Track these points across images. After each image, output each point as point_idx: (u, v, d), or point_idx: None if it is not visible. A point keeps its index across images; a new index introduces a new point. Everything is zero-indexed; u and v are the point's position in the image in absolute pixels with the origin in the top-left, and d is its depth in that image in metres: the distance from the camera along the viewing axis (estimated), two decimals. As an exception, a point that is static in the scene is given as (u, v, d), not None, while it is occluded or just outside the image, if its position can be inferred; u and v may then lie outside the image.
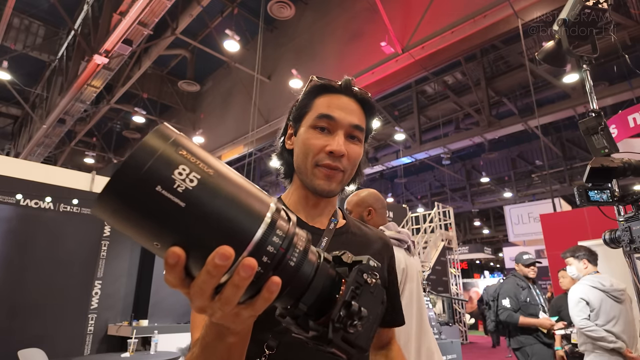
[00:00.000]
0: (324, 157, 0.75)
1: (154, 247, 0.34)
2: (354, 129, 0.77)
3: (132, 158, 0.31)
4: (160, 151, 0.32)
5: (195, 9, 7.53)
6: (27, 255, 4.48)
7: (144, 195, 0.31)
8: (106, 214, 0.32)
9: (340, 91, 0.80)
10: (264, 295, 0.36)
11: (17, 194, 4.47)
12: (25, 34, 9.73)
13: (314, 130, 0.77)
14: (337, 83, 0.81)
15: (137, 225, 0.32)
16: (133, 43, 6.99)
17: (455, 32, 6.11)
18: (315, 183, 0.77)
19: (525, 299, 3.51)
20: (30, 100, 11.57)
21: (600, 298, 2.80)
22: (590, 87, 1.72)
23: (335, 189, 0.77)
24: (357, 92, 0.80)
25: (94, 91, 8.21)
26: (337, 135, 0.76)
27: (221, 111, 11.40)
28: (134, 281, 5.27)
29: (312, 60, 8.58)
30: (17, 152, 12.56)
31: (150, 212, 0.31)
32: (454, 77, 10.76)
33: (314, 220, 0.82)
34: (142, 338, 4.62)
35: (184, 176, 0.32)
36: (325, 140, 0.76)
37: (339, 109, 0.77)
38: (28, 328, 4.32)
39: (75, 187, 5.10)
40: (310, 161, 0.76)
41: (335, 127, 0.77)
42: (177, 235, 0.32)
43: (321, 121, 0.77)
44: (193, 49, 10.15)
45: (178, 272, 0.34)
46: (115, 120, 13.60)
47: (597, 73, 8.75)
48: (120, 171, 0.30)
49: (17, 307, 4.30)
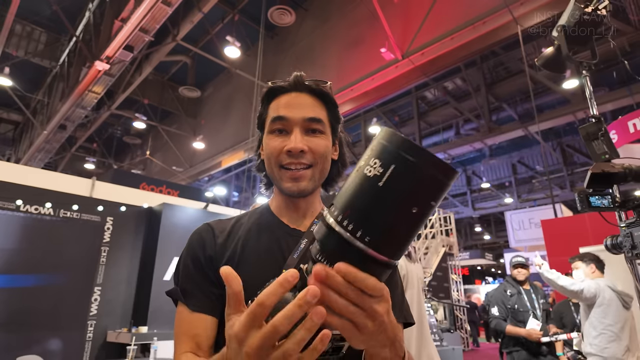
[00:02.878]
0: (285, 157, 0.75)
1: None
2: (310, 123, 0.76)
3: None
4: None
5: (196, 15, 7.58)
6: (26, 261, 4.47)
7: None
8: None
9: (291, 89, 0.79)
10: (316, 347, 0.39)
11: (17, 200, 4.46)
12: (27, 41, 9.79)
13: (271, 134, 0.77)
14: (288, 82, 0.80)
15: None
16: (134, 49, 7.03)
17: (455, 39, 6.14)
18: (283, 186, 0.76)
19: (513, 306, 3.48)
20: (31, 106, 11.62)
21: (612, 298, 2.79)
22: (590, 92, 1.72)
23: (306, 188, 0.76)
24: (308, 85, 0.79)
25: (95, 97, 8.24)
26: (293, 133, 0.75)
27: (222, 117, 11.43)
28: (133, 288, 5.25)
29: (312, 67, 8.62)
30: (17, 157, 12.59)
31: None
32: (454, 82, 10.79)
33: (297, 223, 0.81)
34: (142, 345, 4.59)
35: None
36: (282, 141, 0.75)
37: (289, 107, 0.77)
38: (27, 334, 4.30)
39: (75, 192, 5.09)
40: (275, 165, 0.76)
41: (289, 125, 0.76)
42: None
43: (275, 124, 0.76)
44: (194, 55, 10.21)
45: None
46: (115, 126, 13.64)
47: (596, 79, 8.78)
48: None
49: (16, 313, 4.28)
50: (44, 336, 4.42)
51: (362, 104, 7.94)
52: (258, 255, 0.76)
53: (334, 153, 0.84)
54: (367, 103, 8.10)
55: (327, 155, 0.78)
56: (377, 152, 0.38)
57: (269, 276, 0.70)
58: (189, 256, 0.77)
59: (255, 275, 0.72)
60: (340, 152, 0.86)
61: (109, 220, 5.13)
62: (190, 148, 12.26)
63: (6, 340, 4.16)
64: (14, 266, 4.36)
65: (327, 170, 0.80)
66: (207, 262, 0.76)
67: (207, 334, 0.72)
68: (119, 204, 5.29)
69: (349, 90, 7.63)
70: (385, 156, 0.37)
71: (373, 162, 0.38)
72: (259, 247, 0.77)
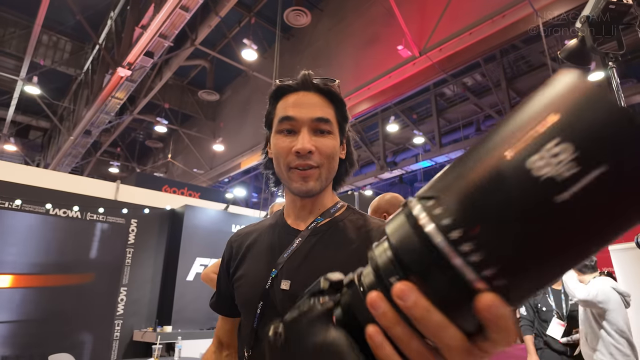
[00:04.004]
0: (293, 158, 0.74)
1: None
2: (318, 123, 0.75)
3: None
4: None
5: (213, 19, 7.69)
6: (56, 262, 4.63)
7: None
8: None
9: (298, 88, 0.79)
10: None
11: (46, 204, 4.63)
12: (53, 50, 10.14)
13: (279, 134, 0.77)
14: (288, 81, 0.80)
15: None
16: (154, 55, 7.19)
17: (474, 34, 6.02)
18: (292, 186, 0.76)
19: (537, 305, 3.41)
20: (58, 113, 12.03)
21: (619, 301, 2.70)
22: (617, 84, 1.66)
23: (314, 188, 0.75)
24: (316, 85, 0.79)
25: (118, 103, 8.47)
26: (301, 133, 0.74)
27: (240, 119, 11.56)
28: (157, 288, 5.37)
29: (329, 67, 8.61)
30: (46, 163, 13.05)
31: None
32: (473, 78, 10.59)
33: (301, 222, 0.81)
34: (166, 344, 4.69)
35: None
36: (290, 141, 0.75)
37: (297, 107, 0.76)
38: (58, 334, 4.45)
39: (101, 196, 5.25)
40: (283, 166, 0.76)
41: (297, 126, 0.75)
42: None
43: (283, 124, 0.76)
44: (212, 59, 10.36)
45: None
46: (138, 131, 13.98)
47: (623, 70, 8.46)
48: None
49: (47, 313, 4.44)
50: (74, 335, 4.57)
51: (380, 102, 7.88)
52: (258, 255, 0.79)
53: (342, 152, 0.83)
54: (385, 101, 8.03)
55: (334, 155, 0.78)
56: (568, 130, 0.20)
57: (263, 274, 0.74)
58: (221, 263, 0.86)
59: (250, 272, 0.77)
60: (348, 151, 0.86)
61: (133, 222, 5.26)
62: (210, 150, 12.45)
63: (38, 338, 4.32)
64: (44, 267, 4.53)
65: (335, 170, 0.80)
66: (228, 267, 0.83)
67: (227, 336, 0.83)
68: (143, 207, 5.42)
69: (366, 89, 7.59)
70: (588, 144, 0.19)
71: (554, 147, 0.20)
72: (260, 247, 0.80)
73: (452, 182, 0.23)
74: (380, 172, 12.06)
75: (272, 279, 0.72)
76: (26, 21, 8.97)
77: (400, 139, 12.78)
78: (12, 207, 4.38)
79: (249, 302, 0.74)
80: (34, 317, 4.35)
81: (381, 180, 13.79)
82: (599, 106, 0.20)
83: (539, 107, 0.22)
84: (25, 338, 4.23)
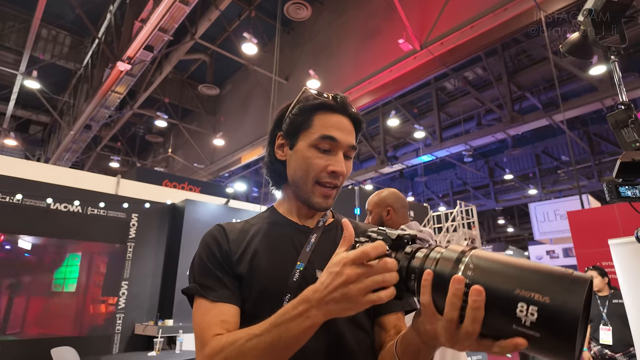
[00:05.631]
0: (326, 175, 0.80)
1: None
2: (350, 149, 0.82)
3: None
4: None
5: (213, 13, 7.65)
6: (57, 256, 4.65)
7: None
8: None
9: (338, 110, 0.82)
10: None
11: (47, 198, 4.64)
12: (53, 44, 10.10)
13: (315, 149, 0.80)
14: (332, 100, 0.82)
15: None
16: (154, 49, 7.15)
17: (475, 27, 5.99)
18: (314, 201, 0.81)
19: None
20: (58, 108, 12.01)
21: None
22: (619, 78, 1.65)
23: (330, 205, 0.83)
24: (351, 112, 0.84)
25: (118, 97, 8.45)
26: (338, 155, 0.80)
27: (240, 113, 11.54)
28: (158, 282, 5.39)
29: (330, 60, 8.58)
30: (47, 157, 13.06)
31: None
32: (474, 72, 10.54)
33: (304, 221, 0.87)
34: (168, 337, 4.72)
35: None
36: (327, 159, 0.80)
37: (340, 130, 0.81)
38: (60, 327, 4.49)
39: (101, 190, 5.25)
40: (311, 179, 0.80)
41: (336, 147, 0.80)
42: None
43: (324, 142, 0.80)
44: (212, 53, 10.32)
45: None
46: (138, 125, 13.96)
47: (625, 64, 8.41)
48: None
49: (49, 307, 4.47)
50: (76, 329, 4.60)
51: (380, 96, 7.85)
52: (272, 249, 0.81)
53: None
54: (385, 95, 8.00)
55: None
56: (546, 310, 0.43)
57: (284, 268, 0.77)
58: (205, 254, 0.80)
59: (270, 267, 0.77)
60: None
61: (134, 216, 5.27)
62: (211, 145, 12.44)
63: (41, 333, 4.35)
64: (46, 262, 4.55)
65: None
66: (224, 257, 0.79)
67: (234, 320, 0.74)
68: (144, 201, 5.43)
69: (367, 83, 7.56)
70: (544, 321, 0.43)
71: (532, 307, 0.43)
72: (272, 242, 0.82)
73: (488, 266, 0.48)
74: (381, 166, 12.05)
75: (301, 271, 0.76)
76: (25, 15, 8.92)
77: (400, 134, 12.76)
78: (12, 201, 4.39)
79: (271, 295, 0.74)
80: (36, 311, 4.38)
81: (382, 175, 13.79)
82: (568, 318, 0.41)
83: (547, 287, 0.43)
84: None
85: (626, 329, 3.32)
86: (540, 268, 0.45)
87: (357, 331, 0.78)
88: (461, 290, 0.47)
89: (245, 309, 0.76)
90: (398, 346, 0.68)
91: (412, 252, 0.56)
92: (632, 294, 3.18)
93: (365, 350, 0.78)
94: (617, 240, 3.37)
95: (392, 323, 0.82)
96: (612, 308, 3.63)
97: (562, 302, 0.41)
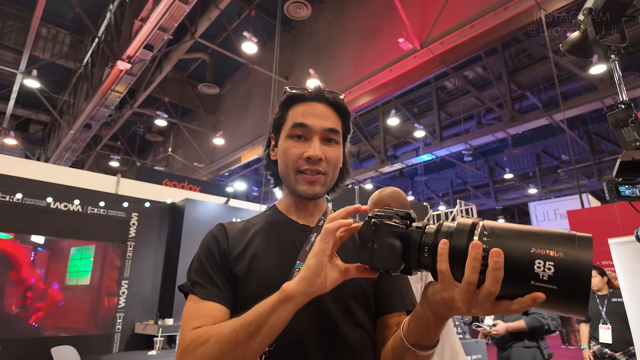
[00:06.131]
0: (303, 163, 0.80)
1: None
2: (328, 133, 0.82)
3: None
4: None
5: (213, 12, 7.64)
6: (57, 256, 4.65)
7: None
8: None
9: (312, 98, 0.83)
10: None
11: (47, 197, 4.64)
12: (53, 43, 10.09)
13: (290, 139, 0.82)
14: (308, 91, 0.84)
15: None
16: (154, 48, 7.15)
17: (475, 26, 5.98)
18: (299, 189, 0.81)
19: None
20: (58, 107, 12.00)
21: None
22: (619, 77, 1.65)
23: (319, 192, 0.82)
24: (329, 97, 0.84)
25: (118, 96, 8.44)
26: (313, 141, 0.80)
27: (240, 113, 11.53)
28: (159, 281, 5.39)
29: (329, 59, 8.57)
30: (47, 157, 13.06)
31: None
32: (474, 71, 10.53)
33: (304, 220, 0.87)
34: (168, 336, 4.72)
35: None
36: (302, 147, 0.80)
37: (312, 116, 0.81)
38: (61, 326, 4.49)
39: (101, 189, 5.25)
40: (292, 169, 0.81)
41: (310, 133, 0.81)
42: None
43: (296, 130, 0.81)
44: (212, 52, 10.31)
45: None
46: (138, 124, 13.95)
47: (625, 63, 8.40)
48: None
49: (49, 307, 4.47)
50: (76, 328, 4.61)
51: (380, 95, 7.85)
52: (272, 248, 0.81)
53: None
54: (386, 95, 8.00)
55: (338, 163, 0.85)
56: (561, 264, 0.47)
57: (284, 267, 0.77)
58: (203, 253, 0.81)
59: (270, 266, 0.78)
60: (344, 160, 0.91)
61: (134, 216, 5.27)
62: (211, 144, 12.43)
63: (41, 332, 4.35)
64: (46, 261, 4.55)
65: (336, 177, 0.86)
66: (222, 257, 0.80)
67: (220, 318, 0.73)
68: (144, 200, 5.42)
69: (367, 82, 7.56)
70: (561, 274, 0.47)
71: (548, 263, 0.47)
72: (272, 241, 0.83)
73: (501, 233, 0.52)
74: (381, 165, 12.05)
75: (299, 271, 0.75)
76: (25, 14, 8.91)
77: (400, 133, 12.75)
78: (12, 200, 4.39)
79: (269, 294, 0.72)
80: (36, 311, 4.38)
81: (382, 174, 13.78)
82: (582, 270, 0.46)
83: (559, 244, 0.48)
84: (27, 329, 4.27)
85: (626, 327, 3.32)
86: (547, 230, 0.50)
87: (358, 331, 0.78)
88: (480, 254, 0.50)
89: (243, 308, 0.75)
90: (405, 327, 0.68)
91: (423, 227, 0.59)
92: (632, 293, 3.18)
93: (366, 350, 0.78)
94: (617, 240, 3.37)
95: (395, 322, 0.82)
96: (611, 307, 3.63)
97: (575, 256, 0.46)
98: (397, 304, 0.83)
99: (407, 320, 0.68)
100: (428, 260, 0.56)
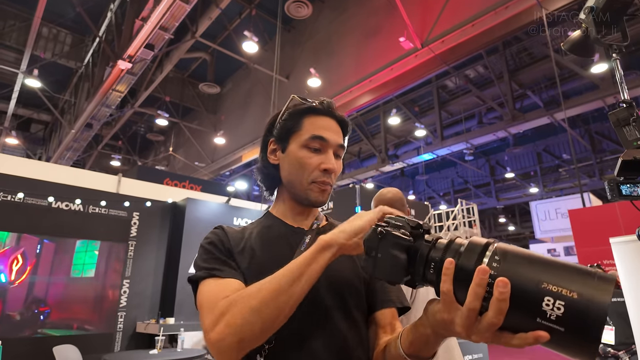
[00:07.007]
0: (320, 174, 0.85)
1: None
2: (339, 148, 0.88)
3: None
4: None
5: (214, 11, 7.64)
6: (58, 255, 4.66)
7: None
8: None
9: (325, 113, 0.89)
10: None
11: (49, 197, 4.64)
12: (54, 43, 10.10)
13: (307, 149, 0.86)
14: (318, 104, 0.88)
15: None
16: (155, 47, 7.15)
17: (476, 25, 5.97)
18: (311, 197, 0.86)
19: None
20: (59, 107, 12.02)
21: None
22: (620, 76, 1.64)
23: (326, 200, 0.89)
24: (338, 115, 0.90)
25: (119, 96, 8.45)
26: (329, 153, 0.86)
27: (241, 112, 11.53)
28: (160, 280, 5.40)
29: (330, 59, 8.56)
30: (48, 156, 13.08)
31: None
32: (475, 70, 10.52)
33: (299, 224, 0.91)
34: (169, 335, 4.73)
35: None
36: (318, 159, 0.85)
37: (329, 131, 0.87)
38: (62, 326, 4.50)
39: (102, 189, 5.26)
40: (306, 178, 0.85)
41: (326, 147, 0.86)
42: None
43: (314, 142, 0.85)
44: (213, 51, 10.31)
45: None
46: (139, 124, 13.96)
47: (627, 62, 8.38)
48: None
49: (51, 306, 4.48)
50: (78, 327, 4.62)
51: (381, 94, 7.84)
52: (268, 248, 0.85)
53: None
54: (386, 94, 7.99)
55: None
56: (573, 305, 0.43)
57: (280, 264, 0.77)
58: (211, 245, 0.83)
59: (267, 265, 0.78)
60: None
61: (135, 215, 5.28)
62: (212, 144, 12.44)
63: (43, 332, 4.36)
64: (47, 261, 4.56)
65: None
66: (227, 251, 0.83)
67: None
68: (145, 200, 5.43)
69: (368, 82, 7.55)
70: (570, 319, 0.43)
71: (559, 302, 0.43)
72: (268, 242, 0.86)
73: (513, 259, 0.48)
74: (382, 165, 12.04)
75: None
76: (26, 14, 8.92)
77: (401, 132, 12.74)
78: (14, 200, 4.40)
79: None
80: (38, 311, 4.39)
81: (382, 173, 13.78)
82: (595, 316, 0.41)
83: (574, 283, 0.43)
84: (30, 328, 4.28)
85: (627, 326, 3.31)
86: (565, 264, 0.46)
87: (352, 327, 0.80)
88: (485, 281, 0.47)
89: None
90: (403, 338, 0.69)
91: (432, 241, 0.56)
92: (634, 292, 3.18)
93: (358, 345, 0.80)
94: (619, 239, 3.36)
95: (388, 319, 0.84)
96: (613, 307, 3.62)
97: (589, 299, 0.41)
98: (388, 300, 0.86)
99: (407, 330, 0.69)
100: (433, 277, 0.54)
